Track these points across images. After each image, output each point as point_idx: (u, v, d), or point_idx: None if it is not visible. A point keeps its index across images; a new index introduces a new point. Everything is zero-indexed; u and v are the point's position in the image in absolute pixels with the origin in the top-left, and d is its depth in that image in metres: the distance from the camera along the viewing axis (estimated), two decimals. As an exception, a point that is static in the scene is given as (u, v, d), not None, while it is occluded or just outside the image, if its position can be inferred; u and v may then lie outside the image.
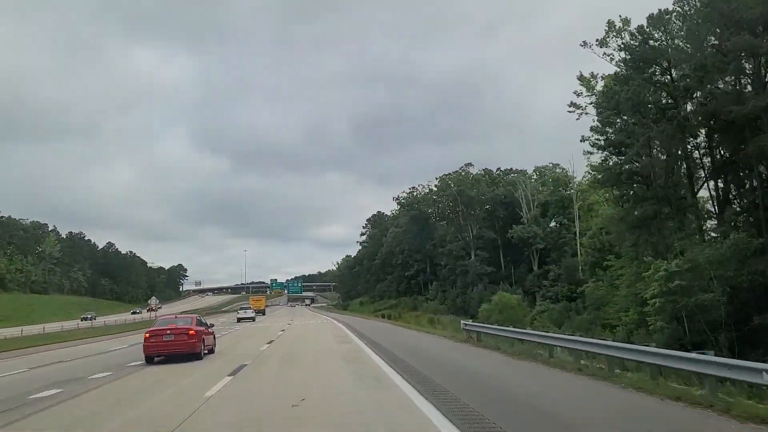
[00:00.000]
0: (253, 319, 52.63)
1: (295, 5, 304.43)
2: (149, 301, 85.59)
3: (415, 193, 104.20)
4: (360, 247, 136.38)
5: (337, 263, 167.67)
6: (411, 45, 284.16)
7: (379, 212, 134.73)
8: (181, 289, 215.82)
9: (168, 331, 17.55)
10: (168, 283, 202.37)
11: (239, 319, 51.46)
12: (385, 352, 18.49)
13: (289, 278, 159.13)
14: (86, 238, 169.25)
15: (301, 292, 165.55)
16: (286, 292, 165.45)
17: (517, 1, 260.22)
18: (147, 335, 17.59)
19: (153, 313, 66.93)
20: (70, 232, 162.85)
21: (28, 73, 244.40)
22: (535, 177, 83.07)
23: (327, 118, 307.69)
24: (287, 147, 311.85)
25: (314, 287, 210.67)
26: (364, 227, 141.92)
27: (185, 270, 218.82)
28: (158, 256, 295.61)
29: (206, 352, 19.30)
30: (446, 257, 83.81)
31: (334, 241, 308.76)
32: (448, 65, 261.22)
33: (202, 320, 20.23)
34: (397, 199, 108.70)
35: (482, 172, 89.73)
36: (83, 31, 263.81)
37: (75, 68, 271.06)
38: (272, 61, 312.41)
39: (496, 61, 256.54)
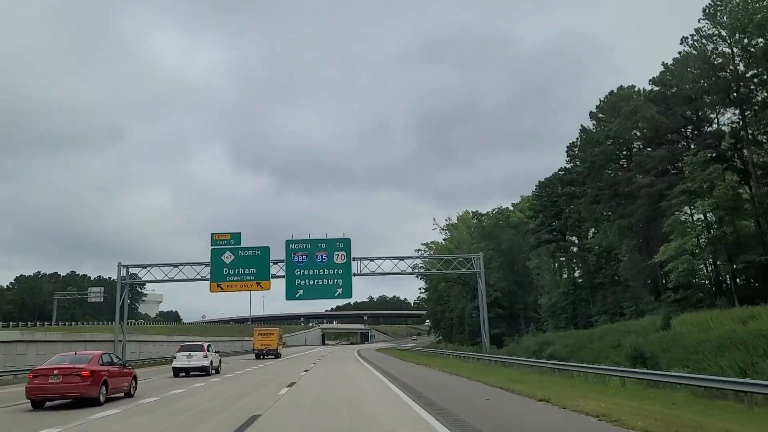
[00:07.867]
0: (205, 371, 27.86)
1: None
2: None
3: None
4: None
5: (427, 247, 76.50)
6: (494, 12, 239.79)
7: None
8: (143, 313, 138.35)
9: (55, 371, 14.32)
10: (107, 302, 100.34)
11: (177, 371, 27.70)
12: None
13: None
14: None
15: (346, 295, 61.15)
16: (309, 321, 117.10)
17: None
18: (31, 375, 14.47)
19: None
20: None
21: (28, 61, 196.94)
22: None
23: (384, 119, 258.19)
24: (335, 156, 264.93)
25: (366, 318, 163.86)
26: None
27: (142, 286, 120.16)
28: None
29: (121, 395, 16.17)
30: None
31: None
32: (538, 38, 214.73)
33: (113, 357, 17.00)
34: None
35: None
36: (93, 5, 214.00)
37: (86, 55, 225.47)
38: (320, 39, 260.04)
39: (600, 34, 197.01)
